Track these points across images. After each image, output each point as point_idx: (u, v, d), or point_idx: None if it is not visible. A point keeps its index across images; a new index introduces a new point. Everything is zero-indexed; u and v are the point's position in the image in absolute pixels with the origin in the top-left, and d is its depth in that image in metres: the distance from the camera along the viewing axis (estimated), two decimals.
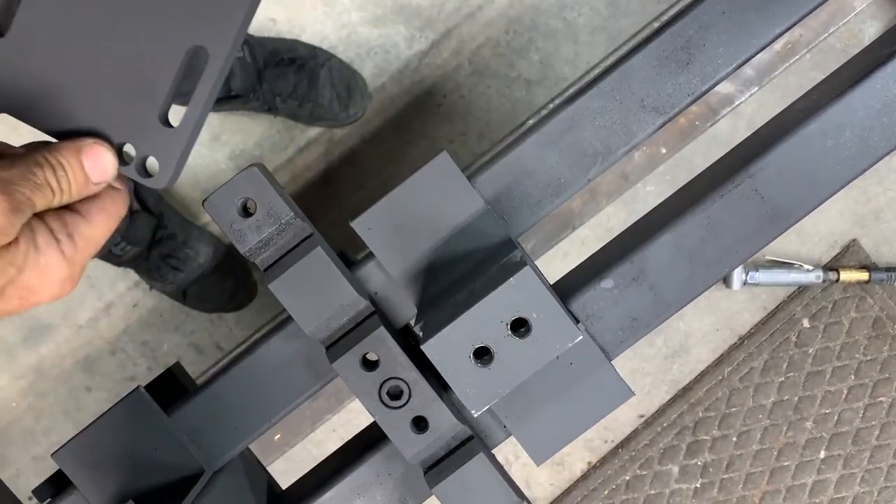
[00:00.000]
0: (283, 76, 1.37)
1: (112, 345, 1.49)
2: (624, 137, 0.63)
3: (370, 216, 0.62)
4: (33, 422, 1.51)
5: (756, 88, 1.36)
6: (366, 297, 0.64)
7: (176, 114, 0.50)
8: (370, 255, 0.66)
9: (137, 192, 1.37)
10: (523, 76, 1.46)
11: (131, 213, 1.34)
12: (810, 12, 0.61)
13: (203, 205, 0.62)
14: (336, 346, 0.64)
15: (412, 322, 0.69)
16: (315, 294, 0.62)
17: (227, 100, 1.36)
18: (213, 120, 1.45)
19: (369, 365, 0.63)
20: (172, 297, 1.45)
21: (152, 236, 1.36)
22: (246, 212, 0.62)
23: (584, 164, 0.63)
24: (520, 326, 0.57)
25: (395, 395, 0.62)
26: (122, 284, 1.48)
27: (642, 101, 0.62)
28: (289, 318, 0.70)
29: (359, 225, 0.62)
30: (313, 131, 1.44)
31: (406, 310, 0.68)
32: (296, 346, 0.71)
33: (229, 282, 1.43)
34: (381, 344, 0.62)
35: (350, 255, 0.82)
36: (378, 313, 0.65)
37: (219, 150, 1.46)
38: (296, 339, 0.71)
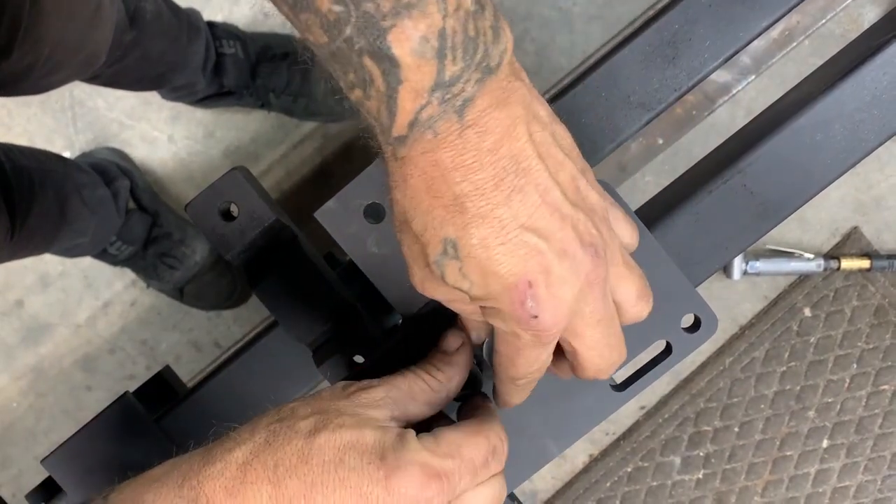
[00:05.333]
0: (276, 71, 1.36)
1: (111, 344, 1.49)
2: (610, 134, 0.62)
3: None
4: (34, 422, 1.51)
5: (753, 76, 1.34)
6: (352, 300, 0.64)
7: None
8: None
9: (133, 190, 1.36)
10: None
11: (126, 211, 1.33)
12: (798, 3, 0.60)
13: (185, 209, 0.62)
14: (322, 349, 0.63)
15: (400, 322, 0.69)
16: (299, 298, 0.62)
17: (220, 96, 1.35)
18: (207, 116, 1.44)
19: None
20: (169, 296, 1.45)
21: (148, 235, 1.36)
22: (228, 216, 0.61)
23: None
24: None
25: None
26: (119, 283, 1.48)
27: (628, 97, 0.61)
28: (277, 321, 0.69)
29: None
30: (308, 126, 1.44)
31: (392, 310, 0.67)
32: (287, 346, 0.71)
33: (226, 279, 1.43)
34: (368, 347, 0.62)
35: (338, 256, 0.81)
36: (365, 315, 0.64)
37: (213, 146, 1.45)
38: (287, 339, 0.71)
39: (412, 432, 0.43)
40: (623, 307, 0.45)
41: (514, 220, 0.39)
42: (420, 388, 0.47)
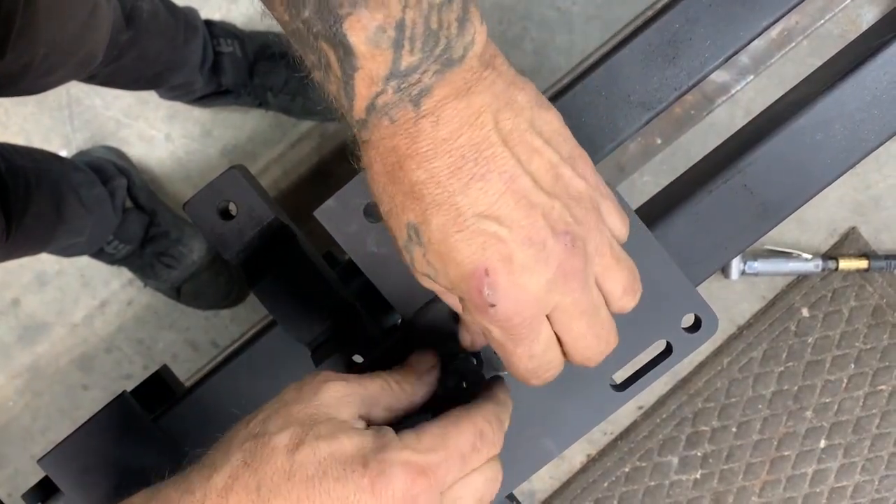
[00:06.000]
0: (274, 70, 1.36)
1: (107, 343, 1.49)
2: (610, 134, 0.62)
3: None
4: (30, 421, 1.51)
5: (752, 76, 1.34)
6: (351, 299, 0.64)
7: None
8: None
9: (130, 189, 1.36)
10: (517, 66, 1.44)
11: (123, 210, 1.33)
12: (798, 3, 0.60)
13: (184, 208, 0.61)
14: (321, 348, 0.63)
15: (399, 322, 0.68)
16: (298, 298, 0.61)
17: (218, 95, 1.35)
18: (205, 115, 1.44)
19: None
20: (166, 295, 1.45)
21: (145, 234, 1.35)
22: (227, 215, 0.61)
23: None
24: None
25: None
26: (116, 282, 1.47)
27: (629, 96, 0.61)
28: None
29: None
30: (305, 125, 1.43)
31: (392, 309, 0.67)
32: (286, 345, 0.71)
33: (223, 279, 1.43)
34: (367, 346, 0.61)
35: (337, 255, 0.81)
36: (364, 315, 0.64)
37: (211, 145, 1.45)
38: (285, 338, 0.70)
39: (391, 431, 0.42)
40: (608, 299, 0.44)
41: (471, 208, 0.39)
42: (385, 394, 0.46)
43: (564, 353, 0.45)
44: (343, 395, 0.43)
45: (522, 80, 0.42)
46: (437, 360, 0.51)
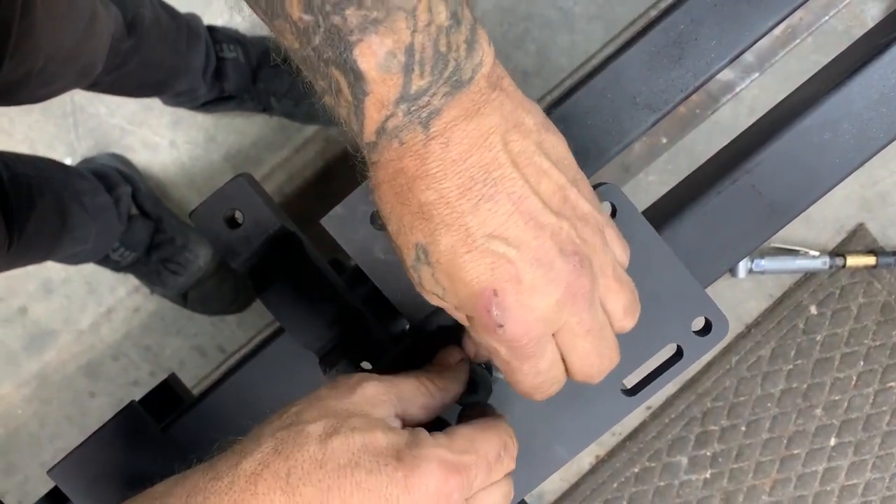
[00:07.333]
0: (278, 75, 1.36)
1: (114, 350, 1.49)
2: (616, 136, 0.61)
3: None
4: (38, 428, 1.51)
5: (757, 74, 1.34)
6: (358, 305, 0.63)
7: None
8: None
9: (135, 196, 1.36)
10: (520, 67, 1.44)
11: (129, 217, 1.33)
12: (804, 2, 0.59)
13: (190, 217, 0.61)
14: (329, 355, 0.63)
15: (407, 328, 0.68)
16: (305, 305, 0.61)
17: (221, 101, 1.35)
18: (208, 121, 1.44)
19: None
20: (173, 301, 1.45)
21: (150, 241, 1.35)
22: (233, 223, 0.61)
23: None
24: None
25: None
26: (122, 289, 1.47)
27: (634, 98, 0.61)
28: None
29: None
30: (309, 130, 1.43)
31: (399, 315, 0.66)
32: (294, 352, 0.71)
33: (229, 284, 1.43)
34: (375, 353, 0.61)
35: (343, 261, 0.81)
36: (372, 321, 0.64)
37: (214, 150, 1.45)
38: (293, 345, 0.70)
39: (424, 430, 0.42)
40: (610, 319, 0.45)
41: (480, 229, 0.39)
42: (420, 393, 0.47)
43: (567, 370, 0.45)
44: (378, 395, 0.44)
45: (529, 102, 0.42)
46: (465, 354, 0.51)
